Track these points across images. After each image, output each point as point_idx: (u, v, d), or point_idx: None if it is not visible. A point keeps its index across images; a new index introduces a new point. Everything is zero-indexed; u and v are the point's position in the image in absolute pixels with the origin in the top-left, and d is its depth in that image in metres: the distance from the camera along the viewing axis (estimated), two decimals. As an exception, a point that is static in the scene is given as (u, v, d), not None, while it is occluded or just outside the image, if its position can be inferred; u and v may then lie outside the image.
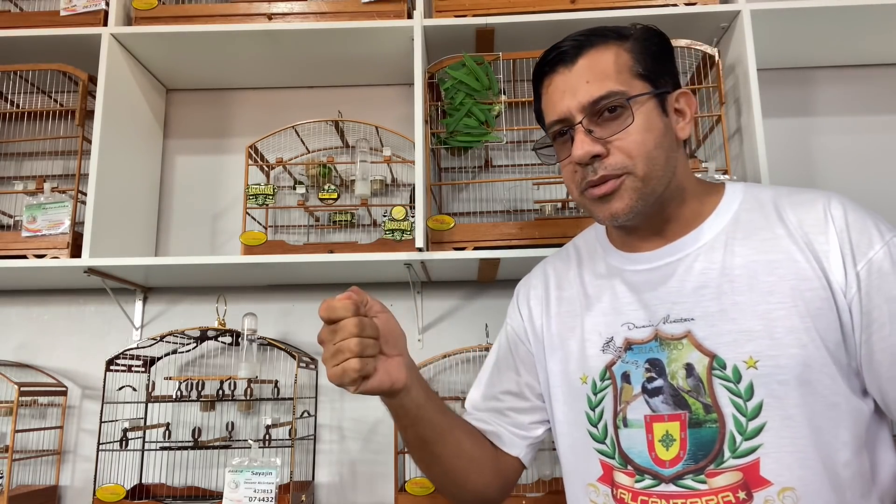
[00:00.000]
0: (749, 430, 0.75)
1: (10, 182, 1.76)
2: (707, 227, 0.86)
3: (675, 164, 0.85)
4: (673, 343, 0.82)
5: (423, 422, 0.86)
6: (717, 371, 0.78)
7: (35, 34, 1.58)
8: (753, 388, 0.76)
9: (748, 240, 0.82)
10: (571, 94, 0.83)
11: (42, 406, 1.68)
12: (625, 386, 0.84)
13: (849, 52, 1.69)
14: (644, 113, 0.82)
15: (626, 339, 0.86)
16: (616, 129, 0.81)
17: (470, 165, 1.72)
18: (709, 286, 0.81)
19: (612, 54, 0.83)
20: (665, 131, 0.83)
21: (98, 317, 1.75)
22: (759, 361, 0.76)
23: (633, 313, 0.87)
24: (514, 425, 0.99)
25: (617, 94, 0.81)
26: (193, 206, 1.81)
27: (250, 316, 1.50)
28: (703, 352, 0.79)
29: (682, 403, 0.80)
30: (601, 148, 0.81)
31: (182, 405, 1.63)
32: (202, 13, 1.62)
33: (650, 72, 0.84)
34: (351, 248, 1.50)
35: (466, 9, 1.55)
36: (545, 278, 1.01)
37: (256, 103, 1.86)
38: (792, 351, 0.75)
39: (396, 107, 1.81)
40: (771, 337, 0.76)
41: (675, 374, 0.81)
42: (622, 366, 0.85)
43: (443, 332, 1.70)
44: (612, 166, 0.81)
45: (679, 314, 0.82)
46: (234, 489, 1.35)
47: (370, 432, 1.66)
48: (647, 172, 0.81)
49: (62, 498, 1.64)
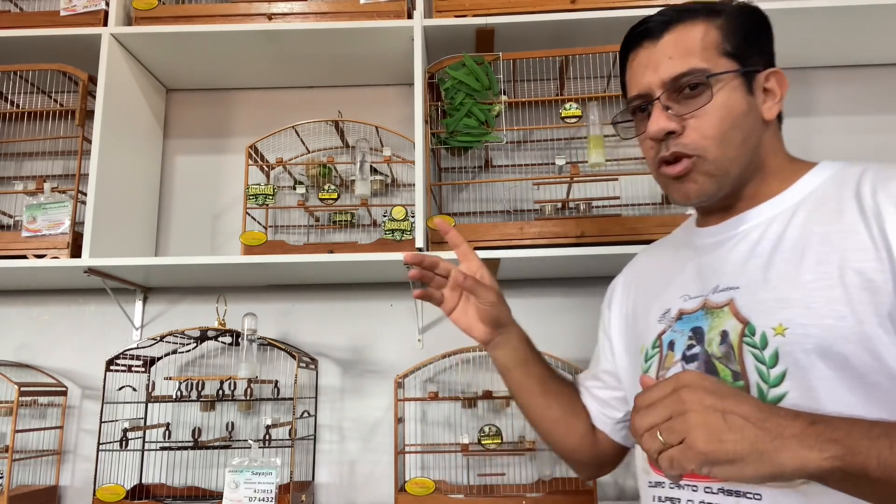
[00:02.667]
0: (769, 397, 0.74)
1: (10, 182, 1.76)
2: (776, 202, 0.84)
3: (756, 143, 0.83)
4: (716, 311, 0.82)
5: (511, 381, 1.02)
6: (747, 338, 0.77)
7: (35, 34, 1.58)
8: (778, 356, 0.74)
9: (814, 213, 0.80)
10: (653, 69, 0.83)
11: (42, 406, 1.68)
12: (668, 353, 0.85)
13: (849, 52, 1.69)
14: (725, 92, 0.80)
15: (680, 310, 0.87)
16: (694, 107, 0.80)
17: (470, 165, 1.72)
18: (759, 257, 0.80)
19: (700, 31, 0.82)
20: (747, 111, 0.82)
21: (98, 317, 1.75)
22: (789, 329, 0.74)
23: (690, 284, 0.87)
24: (599, 402, 1.03)
25: (698, 72, 0.80)
26: (193, 206, 1.81)
27: (250, 316, 1.50)
28: (739, 319, 0.79)
29: (713, 370, 0.79)
30: (676, 125, 0.81)
31: (182, 405, 1.63)
32: (202, 13, 1.62)
33: (739, 49, 0.82)
34: (351, 248, 1.50)
35: (466, 9, 1.56)
36: (641, 263, 1.05)
37: (256, 103, 1.86)
38: (827, 321, 0.72)
39: (396, 107, 1.81)
40: (807, 306, 0.74)
41: (712, 341, 0.80)
42: (670, 334, 0.86)
43: (443, 332, 1.70)
44: (684, 144, 0.81)
45: (727, 283, 0.82)
46: (234, 489, 1.35)
47: (370, 432, 1.66)
48: (719, 155, 0.81)
49: (62, 498, 1.64)
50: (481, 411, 1.63)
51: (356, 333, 1.71)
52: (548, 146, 1.72)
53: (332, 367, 1.70)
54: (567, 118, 1.50)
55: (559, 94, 1.66)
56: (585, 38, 1.55)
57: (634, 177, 1.65)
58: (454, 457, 1.60)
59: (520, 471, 1.58)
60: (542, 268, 1.57)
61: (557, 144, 1.72)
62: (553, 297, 1.69)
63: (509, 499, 1.46)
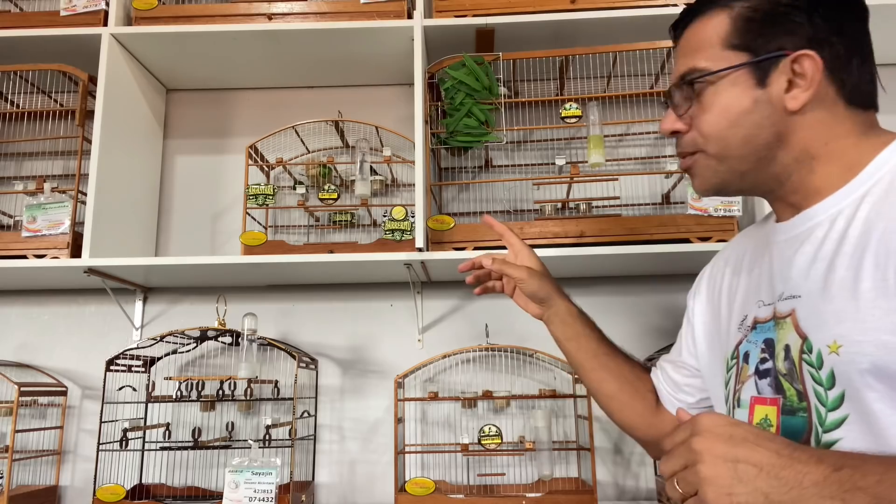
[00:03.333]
0: (828, 421, 0.69)
1: (10, 182, 1.76)
2: (844, 192, 0.74)
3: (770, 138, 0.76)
4: (781, 322, 0.76)
5: (567, 354, 1.07)
6: (806, 355, 0.71)
7: (35, 34, 1.58)
8: (834, 377, 0.68)
9: (878, 204, 0.70)
10: (675, 66, 0.84)
11: (42, 406, 1.68)
12: (744, 366, 0.82)
13: (849, 52, 1.69)
14: (724, 89, 0.78)
15: (755, 318, 0.82)
16: (691, 107, 0.81)
17: (470, 165, 1.72)
18: (822, 260, 0.73)
19: (712, 24, 0.79)
20: (751, 108, 0.76)
21: (98, 317, 1.75)
22: (843, 347, 0.67)
23: (764, 289, 0.82)
24: (672, 385, 1.02)
25: (695, 72, 0.79)
26: (193, 206, 1.81)
27: (250, 316, 1.50)
28: (799, 333, 0.73)
29: (780, 388, 0.75)
30: (682, 125, 0.82)
31: (182, 405, 1.63)
32: (202, 13, 1.62)
33: (752, 38, 0.76)
34: (351, 248, 1.50)
35: (466, 9, 1.55)
36: (727, 253, 0.99)
37: (256, 103, 1.86)
38: (883, 337, 0.64)
39: (396, 107, 1.81)
40: (860, 320, 0.66)
41: (778, 355, 0.76)
42: (746, 345, 0.82)
43: (443, 332, 1.70)
44: (683, 144, 0.83)
45: (790, 291, 0.76)
46: (234, 489, 1.34)
47: (370, 432, 1.66)
48: (719, 152, 0.79)
49: (62, 498, 1.64)
50: (481, 411, 1.63)
51: (356, 333, 1.71)
52: (548, 146, 1.72)
53: (332, 367, 1.70)
54: (567, 118, 1.50)
55: (559, 94, 1.66)
56: (585, 38, 1.55)
57: (634, 177, 1.65)
58: (454, 457, 1.60)
59: (520, 471, 1.58)
60: (542, 268, 1.56)
61: (557, 144, 1.72)
62: (553, 297, 1.69)
63: (509, 499, 1.46)
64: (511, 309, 1.71)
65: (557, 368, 1.62)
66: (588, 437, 1.44)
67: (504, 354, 1.62)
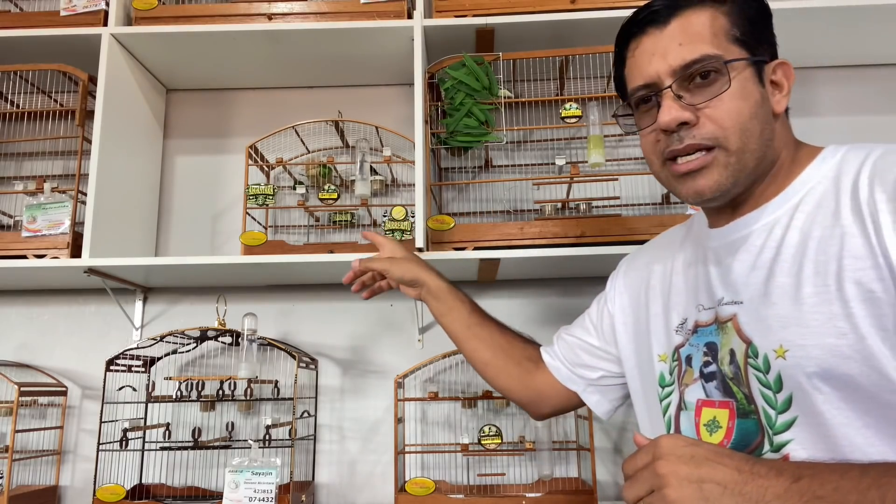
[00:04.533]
0: (778, 423, 0.71)
1: (10, 182, 1.76)
2: (779, 200, 0.77)
3: (770, 136, 0.77)
4: (724, 327, 0.78)
5: (445, 330, 1.14)
6: (751, 360, 0.73)
7: (35, 34, 1.58)
8: (782, 380, 0.70)
9: (813, 213, 0.73)
10: (661, 56, 0.77)
11: (42, 406, 1.68)
12: (687, 369, 0.82)
13: (849, 52, 1.69)
14: (740, 80, 0.75)
15: (696, 322, 0.83)
16: (709, 96, 0.74)
17: (470, 165, 1.72)
18: (761, 268, 0.75)
19: (708, 17, 0.77)
20: (761, 102, 0.76)
21: (98, 317, 1.75)
22: (789, 351, 0.69)
23: (704, 294, 0.83)
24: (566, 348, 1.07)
25: (712, 58, 0.74)
26: (193, 206, 1.81)
27: (250, 316, 1.50)
28: (742, 338, 0.74)
29: (729, 391, 0.76)
30: (690, 115, 0.75)
31: (182, 405, 1.63)
32: (202, 13, 1.62)
33: (748, 37, 0.77)
34: (351, 249, 1.50)
35: (466, 9, 1.56)
36: (649, 251, 1.02)
37: (256, 103, 1.86)
38: (827, 341, 0.66)
39: (396, 107, 1.81)
40: (804, 325, 0.68)
41: (723, 359, 0.77)
42: (687, 348, 0.83)
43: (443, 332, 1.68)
44: (701, 135, 0.75)
45: (731, 296, 0.78)
46: (234, 489, 1.34)
47: (370, 432, 1.66)
48: (740, 146, 0.74)
49: (62, 498, 1.64)
50: (481, 411, 1.63)
51: (356, 333, 1.71)
52: (548, 146, 1.72)
53: (332, 368, 1.70)
54: (567, 118, 1.50)
55: (559, 94, 1.66)
56: (585, 38, 1.55)
57: (634, 177, 1.65)
58: (454, 457, 1.60)
59: (520, 471, 1.58)
60: (542, 268, 1.57)
61: (557, 144, 1.72)
62: (553, 297, 1.69)
63: (509, 499, 1.46)
64: (511, 309, 1.71)
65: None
66: (588, 437, 1.44)
67: (504, 354, 1.61)
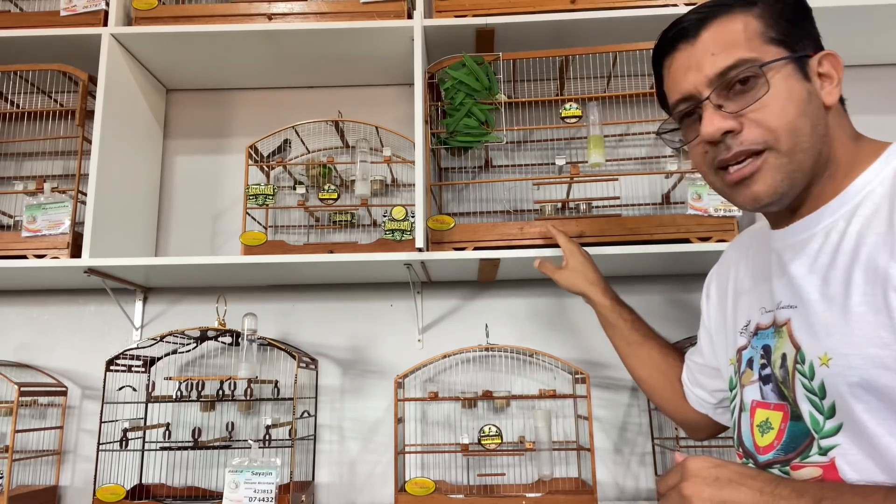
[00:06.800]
0: (826, 428, 0.71)
1: (10, 182, 1.76)
2: (837, 203, 0.75)
3: (823, 132, 0.75)
4: (780, 331, 0.78)
5: (609, 338, 1.20)
6: (799, 365, 0.73)
7: (35, 34, 1.58)
8: (825, 388, 0.70)
9: (870, 218, 0.71)
10: (696, 69, 0.76)
11: (42, 406, 1.68)
12: (746, 370, 0.83)
13: (849, 52, 1.68)
14: (782, 80, 0.73)
15: (757, 325, 0.83)
16: (750, 101, 0.73)
17: (470, 165, 1.72)
18: (816, 273, 0.74)
19: (740, 23, 0.75)
20: (808, 98, 0.74)
21: (98, 317, 1.75)
22: (832, 360, 0.69)
23: (766, 296, 0.83)
24: (692, 382, 1.08)
25: (748, 62, 0.73)
26: (193, 206, 1.81)
27: (250, 316, 1.50)
28: (794, 343, 0.74)
29: (783, 395, 0.76)
30: (733, 123, 0.74)
31: (182, 405, 1.63)
32: (202, 13, 1.62)
33: (786, 35, 0.75)
34: (351, 249, 1.50)
35: (466, 9, 1.55)
36: (731, 254, 1.01)
37: (256, 103, 1.86)
38: (870, 351, 0.66)
39: (396, 107, 1.81)
40: (849, 334, 0.68)
41: (775, 363, 0.77)
42: (749, 351, 0.84)
43: (443, 332, 1.70)
44: (748, 141, 0.73)
45: (789, 301, 0.77)
46: (234, 489, 1.34)
47: (370, 432, 1.66)
48: (791, 146, 0.72)
49: (62, 498, 1.64)
50: (481, 411, 1.63)
51: (356, 333, 1.71)
52: (548, 146, 1.72)
53: (332, 367, 1.70)
54: (567, 118, 1.50)
55: (559, 94, 1.66)
56: (585, 38, 1.55)
57: (634, 177, 1.65)
58: (454, 457, 1.60)
59: (520, 471, 1.58)
60: (542, 268, 1.57)
61: (557, 144, 1.72)
62: (553, 296, 1.69)
63: (509, 499, 1.46)
64: (511, 309, 1.72)
65: (557, 368, 1.62)
66: (588, 437, 1.44)
67: (504, 354, 1.62)
